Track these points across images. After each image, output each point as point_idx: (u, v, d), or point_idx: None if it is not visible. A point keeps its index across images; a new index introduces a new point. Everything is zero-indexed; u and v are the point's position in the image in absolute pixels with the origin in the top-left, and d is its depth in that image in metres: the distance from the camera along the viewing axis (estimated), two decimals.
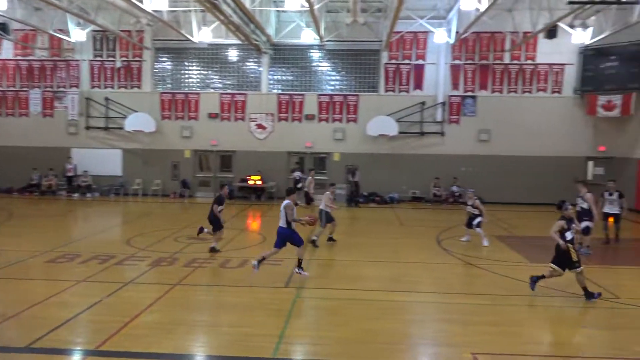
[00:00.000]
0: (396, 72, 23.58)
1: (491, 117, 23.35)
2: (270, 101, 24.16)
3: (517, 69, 23.22)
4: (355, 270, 11.30)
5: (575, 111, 23.14)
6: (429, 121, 23.60)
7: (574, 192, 17.76)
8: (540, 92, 23.24)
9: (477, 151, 23.47)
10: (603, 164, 23.51)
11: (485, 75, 23.38)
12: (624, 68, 21.60)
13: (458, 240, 14.66)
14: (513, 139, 23.27)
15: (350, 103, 23.86)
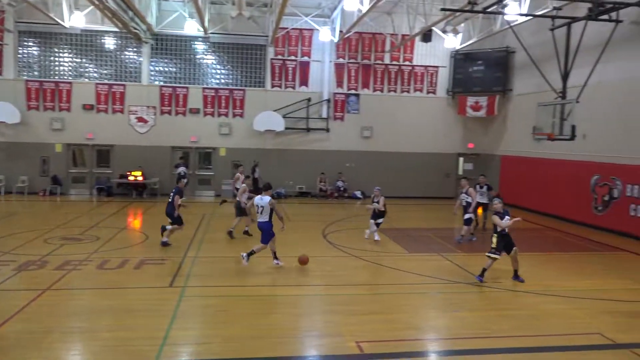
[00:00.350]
0: (282, 68, 23.71)
1: (373, 115, 24.35)
2: (151, 93, 23.10)
3: (397, 70, 24.44)
4: (241, 266, 11.19)
5: (448, 111, 24.90)
6: (315, 117, 24.05)
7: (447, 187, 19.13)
8: (417, 92, 24.67)
9: (360, 147, 24.36)
10: (472, 160, 25.58)
11: (368, 74, 24.31)
12: (489, 72, 23.64)
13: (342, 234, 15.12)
14: (393, 135, 24.47)
15: (237, 97, 23.58)
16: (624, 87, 16.18)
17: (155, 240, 13.47)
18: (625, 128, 16.06)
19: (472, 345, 7.15)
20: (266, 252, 11.40)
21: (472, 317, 8.35)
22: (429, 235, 15.36)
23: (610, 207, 16.35)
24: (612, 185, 16.30)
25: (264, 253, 11.32)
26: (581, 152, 17.83)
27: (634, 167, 15.53)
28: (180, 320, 7.85)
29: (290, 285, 9.86)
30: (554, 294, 9.74)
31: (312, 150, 24.02)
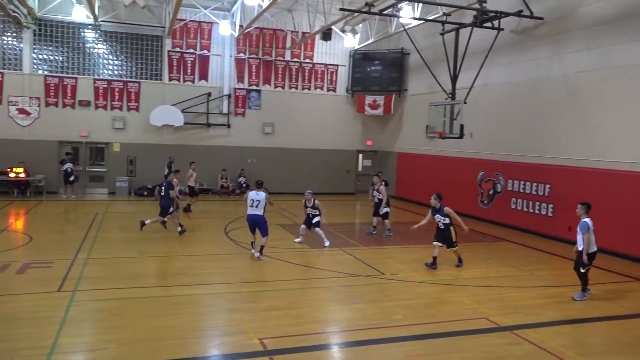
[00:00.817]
0: (180, 61, 22.95)
1: (275, 111, 24.35)
2: (35, 83, 21.34)
3: (297, 67, 24.61)
4: (137, 267, 10.78)
5: (347, 109, 25.53)
6: (215, 113, 23.58)
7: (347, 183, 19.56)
8: (318, 89, 25.04)
9: (262, 143, 24.26)
10: (370, 156, 26.46)
11: (269, 70, 24.25)
12: (386, 72, 24.56)
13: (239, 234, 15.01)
14: (295, 132, 24.65)
15: (132, 90, 22.47)
16: (505, 90, 17.56)
17: (41, 242, 12.52)
18: (506, 128, 17.44)
19: (372, 335, 7.41)
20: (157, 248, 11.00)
21: (372, 308, 8.64)
22: (330, 231, 15.67)
23: (495, 200, 17.69)
24: (496, 180, 17.64)
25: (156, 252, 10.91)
26: (469, 150, 19.11)
27: (514, 164, 16.93)
28: (70, 326, 7.34)
29: (189, 285, 9.59)
30: (445, 283, 10.36)
31: (213, 146, 23.54)
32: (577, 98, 14.72)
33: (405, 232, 15.85)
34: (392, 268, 11.39)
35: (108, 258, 11.41)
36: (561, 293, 9.86)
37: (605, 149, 13.73)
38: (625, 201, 12.83)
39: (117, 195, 22.05)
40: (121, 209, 19.83)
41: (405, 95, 24.46)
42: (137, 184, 22.68)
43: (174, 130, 22.71)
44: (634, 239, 12.62)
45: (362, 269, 11.25)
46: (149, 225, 14.33)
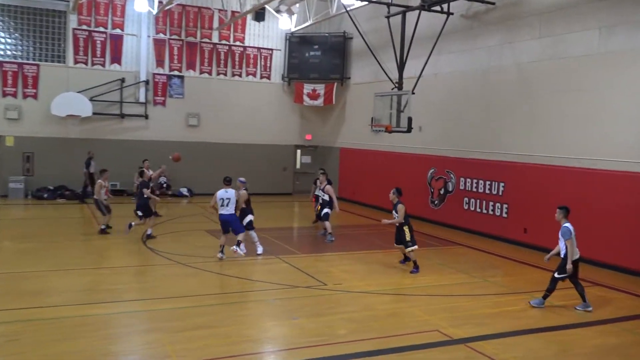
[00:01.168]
0: (88, 41, 22.10)
1: (200, 100, 23.95)
2: None
3: (226, 50, 24.31)
4: (38, 283, 10.29)
5: (283, 98, 25.48)
6: (131, 102, 22.88)
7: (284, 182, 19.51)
8: (250, 76, 24.84)
9: (186, 137, 23.79)
10: (310, 152, 26.56)
11: (193, 53, 23.81)
12: (327, 58, 24.70)
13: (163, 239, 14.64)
14: (224, 125, 24.34)
15: (28, 74, 21.39)
16: (456, 80, 18.09)
17: None
18: (457, 121, 17.98)
19: (313, 354, 7.40)
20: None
21: (313, 323, 8.64)
22: (265, 236, 15.58)
23: (446, 200, 18.20)
24: (447, 178, 18.15)
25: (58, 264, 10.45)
26: (418, 145, 19.54)
27: (466, 160, 17.47)
28: None
29: (100, 303, 9.23)
30: (393, 293, 10.52)
31: (128, 141, 22.84)
32: (530, 90, 15.37)
33: (349, 237, 16.00)
34: (334, 277, 11.45)
35: (2, 273, 10.81)
36: (516, 300, 10.26)
37: (560, 144, 14.41)
38: (580, 199, 13.52)
39: (10, 198, 20.96)
40: (16, 214, 18.86)
41: (348, 84, 24.70)
42: (36, 184, 21.64)
43: (81, 121, 21.85)
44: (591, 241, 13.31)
45: (302, 279, 11.24)
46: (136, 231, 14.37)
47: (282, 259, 12.97)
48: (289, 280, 11.08)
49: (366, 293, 10.43)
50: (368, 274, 11.83)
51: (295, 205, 23.21)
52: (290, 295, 10.13)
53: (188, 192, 23.67)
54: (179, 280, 10.94)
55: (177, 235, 15.11)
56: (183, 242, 14.33)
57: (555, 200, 12.82)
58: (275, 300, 9.86)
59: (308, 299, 9.98)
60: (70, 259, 12.15)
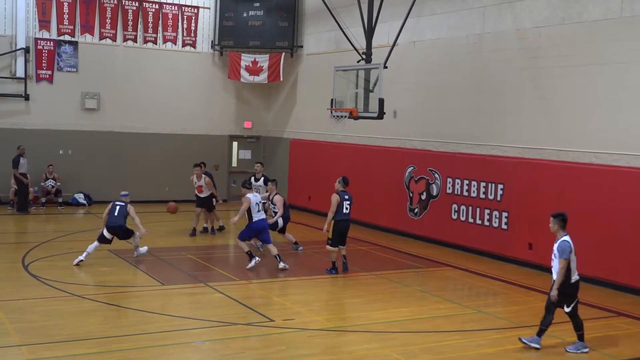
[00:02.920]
0: None
1: (101, 76, 23.62)
2: None
3: (136, 8, 24.07)
4: None
5: (214, 73, 25.41)
6: (4, 77, 22.41)
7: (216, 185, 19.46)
8: (169, 42, 24.66)
9: (81, 125, 23.42)
10: (250, 145, 26.52)
11: (91, 11, 23.48)
12: (272, 20, 24.73)
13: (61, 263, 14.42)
14: (133, 108, 24.06)
15: None
16: (440, 50, 18.37)
17: None
18: (443, 104, 18.25)
19: None
20: None
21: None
22: (191, 257, 15.49)
23: (429, 208, 18.45)
24: (430, 179, 18.42)
25: None
26: (392, 136, 19.78)
27: (454, 156, 17.76)
28: None
29: None
30: (359, 330, 10.63)
31: (1, 130, 22.33)
32: (535, 63, 15.73)
33: (303, 257, 16.07)
34: (284, 311, 11.48)
35: None
36: (520, 336, 10.51)
37: (574, 134, 14.79)
38: (600, 205, 13.90)
39: None
40: None
41: (300, 54, 24.79)
42: None
43: None
44: (615, 261, 13.69)
45: (240, 313, 11.25)
46: None
47: (214, 287, 12.93)
48: (223, 316, 11.05)
49: (326, 331, 10.50)
50: (328, 305, 11.94)
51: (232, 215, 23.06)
52: (226, 335, 10.11)
53: (85, 199, 23.27)
54: (74, 318, 10.76)
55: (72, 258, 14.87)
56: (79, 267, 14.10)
57: (568, 206, 13.12)
58: (205, 342, 9.82)
59: (249, 340, 9.99)
60: None
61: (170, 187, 23.58)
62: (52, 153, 23.00)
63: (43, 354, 9.07)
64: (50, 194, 22.53)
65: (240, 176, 26.04)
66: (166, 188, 22.70)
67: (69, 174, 22.79)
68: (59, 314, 10.97)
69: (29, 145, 22.48)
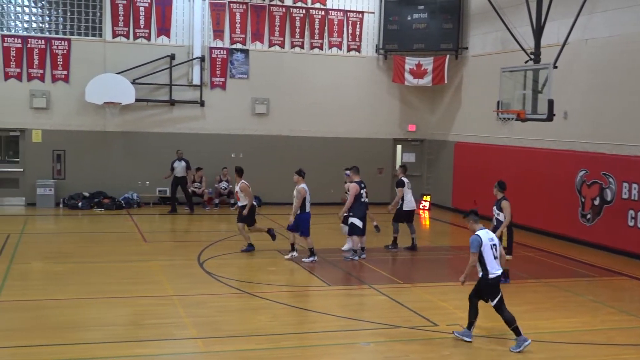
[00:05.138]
0: (129, 8, 23.12)
1: (270, 82, 24.39)
2: None
3: (303, 15, 24.66)
4: (70, 314, 10.87)
5: (378, 77, 25.52)
6: (182, 84, 23.69)
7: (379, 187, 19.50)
8: (334, 48, 25.06)
9: (252, 129, 24.33)
10: (414, 148, 26.43)
11: (261, 20, 24.30)
12: (436, 23, 24.50)
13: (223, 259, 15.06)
14: (299, 113, 24.66)
15: (58, 51, 22.68)
16: (614, 47, 17.44)
17: None
18: (617, 104, 17.31)
19: None
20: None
21: None
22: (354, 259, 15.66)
23: (602, 214, 17.58)
24: (604, 183, 17.54)
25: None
26: (562, 138, 19.01)
27: (631, 159, 16.81)
28: None
29: (146, 341, 9.68)
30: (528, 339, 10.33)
31: (179, 134, 23.65)
32: None
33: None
34: (448, 315, 11.37)
35: (27, 301, 11.51)
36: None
37: None
38: None
39: (39, 206, 22.19)
40: (44, 227, 19.99)
41: (465, 56, 24.42)
42: (68, 190, 22.88)
43: (121, 110, 22.87)
44: None
45: (404, 316, 11.25)
46: None
47: (378, 289, 13.01)
48: (387, 318, 11.09)
49: (490, 338, 10.28)
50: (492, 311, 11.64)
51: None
52: (390, 338, 10.15)
53: (255, 200, 24.04)
54: (244, 314, 11.22)
55: (245, 257, 15.48)
56: (249, 265, 14.66)
57: None
58: (369, 344, 9.92)
59: (413, 343, 9.96)
60: (110, 285, 12.74)
61: (336, 190, 23.92)
62: (225, 156, 24.02)
63: (215, 347, 9.54)
64: (223, 195, 23.61)
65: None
66: (331, 190, 23.01)
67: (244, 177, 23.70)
68: (231, 310, 11.48)
69: (204, 149, 23.70)
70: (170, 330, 10.29)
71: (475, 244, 9.75)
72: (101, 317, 10.85)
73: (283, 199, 23.52)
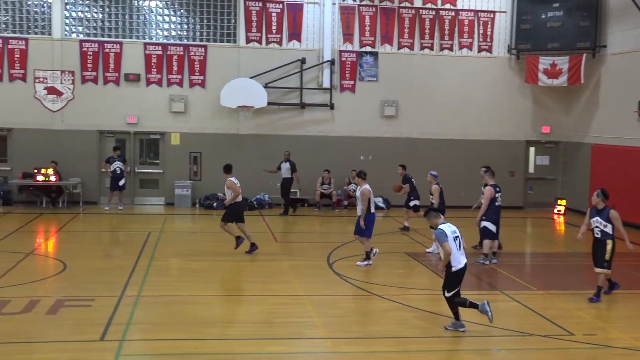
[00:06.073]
0: (262, 14, 23.71)
1: (399, 84, 24.35)
2: (68, 52, 23.08)
3: (433, 16, 24.46)
4: (206, 310, 11.27)
5: (510, 78, 24.91)
6: (312, 87, 24.05)
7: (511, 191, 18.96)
8: (465, 49, 24.70)
9: (381, 131, 24.37)
10: (548, 151, 25.61)
11: (390, 23, 24.31)
12: (571, 20, 23.66)
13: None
14: (429, 115, 24.46)
15: (195, 58, 23.58)
16: None
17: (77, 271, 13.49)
18: None
19: None
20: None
21: None
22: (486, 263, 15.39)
23: None
24: None
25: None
26: None
27: None
28: None
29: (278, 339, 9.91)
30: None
31: (309, 137, 24.05)
32: None
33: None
34: (585, 324, 10.97)
35: (166, 297, 12.04)
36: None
37: None
38: None
39: (177, 206, 23.19)
40: (182, 226, 20.86)
41: (603, 54, 23.43)
42: (204, 191, 23.76)
43: (254, 113, 23.49)
44: None
45: (537, 324, 10.95)
46: None
47: (510, 295, 12.73)
48: (520, 325, 10.83)
49: (633, 350, 9.80)
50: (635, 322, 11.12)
51: (528, 223, 22.55)
52: (523, 346, 9.93)
53: (384, 203, 24.15)
54: (373, 316, 11.25)
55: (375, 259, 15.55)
56: (379, 267, 14.68)
57: None
58: (501, 350, 9.76)
59: (548, 352, 9.70)
60: (242, 283, 13.16)
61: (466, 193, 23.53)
62: (354, 159, 24.18)
63: (344, 348, 9.63)
64: (352, 197, 23.73)
65: (538, 183, 25.36)
66: (461, 193, 22.63)
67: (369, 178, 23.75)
68: (360, 311, 11.56)
69: (333, 151, 23.97)
70: (300, 329, 10.48)
71: (442, 236, 10.16)
72: (235, 314, 11.22)
73: (462, 202, 23.39)
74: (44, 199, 22.70)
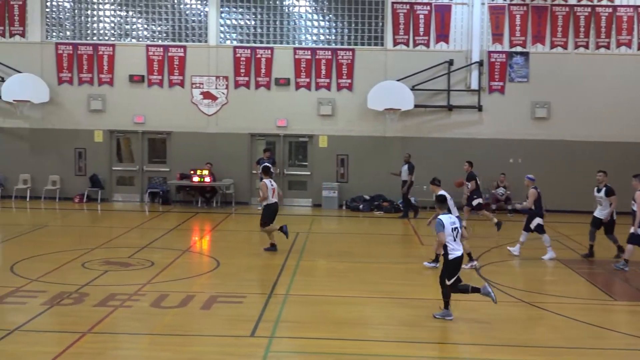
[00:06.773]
0: (409, 17, 23.70)
1: (551, 84, 23.62)
2: (222, 58, 24.10)
3: (588, 13, 23.53)
4: (351, 311, 11.37)
5: None
6: (460, 89, 23.78)
7: None
8: (623, 47, 23.58)
9: (531, 134, 23.72)
10: None
11: (542, 22, 23.63)
12: None
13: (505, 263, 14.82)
14: (584, 116, 23.54)
15: (343, 61, 23.92)
16: None
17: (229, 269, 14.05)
18: None
19: None
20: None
21: None
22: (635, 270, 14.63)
23: None
24: None
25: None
26: None
27: None
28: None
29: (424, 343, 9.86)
30: None
31: (456, 139, 23.78)
32: None
33: None
34: None
35: (312, 296, 12.28)
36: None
37: None
38: None
39: (324, 208, 23.63)
40: (329, 227, 21.20)
41: None
42: (350, 193, 24.06)
43: (400, 116, 23.49)
44: None
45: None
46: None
47: None
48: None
49: None
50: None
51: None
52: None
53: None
54: (522, 324, 10.96)
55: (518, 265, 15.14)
56: (526, 274, 14.30)
57: None
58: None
59: None
60: (387, 286, 13.15)
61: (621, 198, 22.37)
62: (502, 162, 23.66)
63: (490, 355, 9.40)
64: (501, 201, 23.25)
65: None
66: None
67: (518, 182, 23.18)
68: (508, 318, 11.25)
69: (480, 153, 23.46)
70: (445, 334, 10.39)
71: (439, 227, 10.76)
72: (378, 316, 11.25)
73: (566, 206, 22.62)
74: (199, 198, 23.84)
